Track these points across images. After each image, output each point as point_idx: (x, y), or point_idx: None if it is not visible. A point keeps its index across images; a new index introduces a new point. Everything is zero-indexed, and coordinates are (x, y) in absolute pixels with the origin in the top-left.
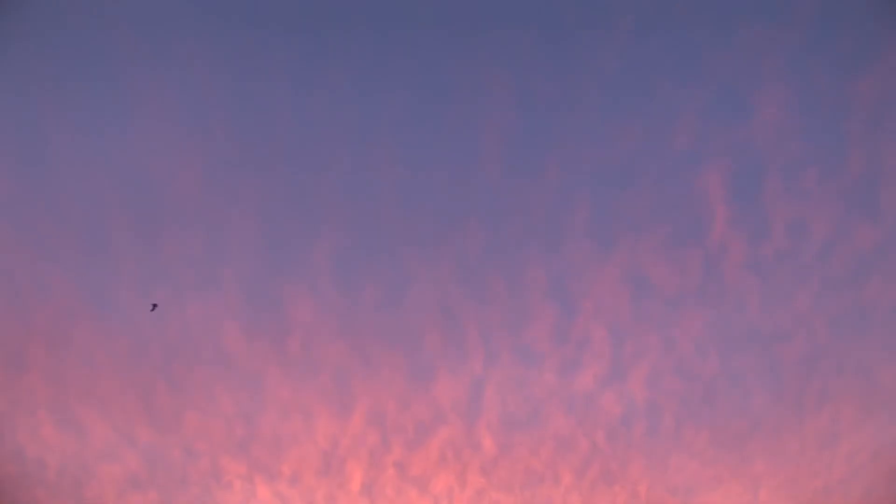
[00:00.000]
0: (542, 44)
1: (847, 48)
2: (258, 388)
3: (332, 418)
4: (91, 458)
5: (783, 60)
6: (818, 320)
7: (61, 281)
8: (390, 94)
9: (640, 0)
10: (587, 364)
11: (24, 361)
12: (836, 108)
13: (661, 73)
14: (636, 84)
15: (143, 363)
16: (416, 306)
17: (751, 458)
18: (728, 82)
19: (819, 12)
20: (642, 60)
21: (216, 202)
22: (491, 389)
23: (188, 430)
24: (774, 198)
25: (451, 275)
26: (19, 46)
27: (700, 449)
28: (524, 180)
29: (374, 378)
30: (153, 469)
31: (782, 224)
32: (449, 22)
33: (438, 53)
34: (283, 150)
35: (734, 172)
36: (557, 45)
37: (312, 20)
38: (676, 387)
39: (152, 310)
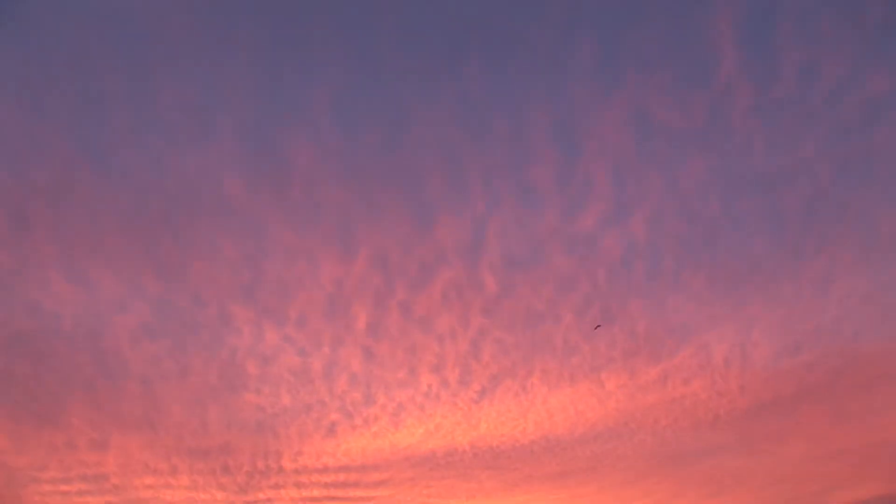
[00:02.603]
0: None
1: None
2: (262, 234)
3: (336, 261)
4: (103, 309)
5: None
6: (823, 165)
7: (57, 137)
8: None
9: None
10: (589, 204)
11: (28, 220)
12: None
13: None
14: None
15: (145, 215)
16: (417, 147)
17: (747, 300)
18: None
19: None
20: None
21: (209, 46)
22: (493, 230)
23: (195, 279)
24: (786, 40)
25: (452, 114)
26: None
27: (698, 290)
28: (527, 15)
29: (377, 220)
30: (164, 318)
31: (793, 67)
32: None
33: None
34: None
35: (745, 11)
36: None
37: None
38: (677, 228)
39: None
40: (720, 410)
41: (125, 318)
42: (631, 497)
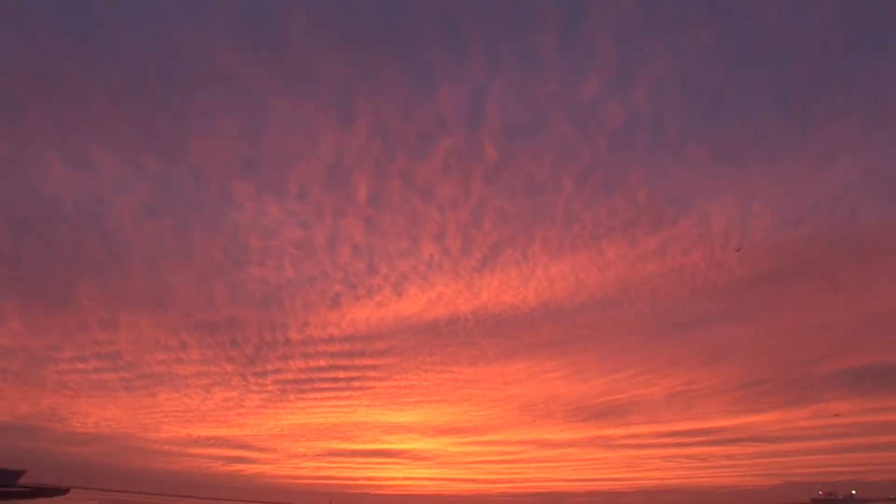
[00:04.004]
0: None
1: None
2: (259, 106)
3: (335, 131)
4: (104, 190)
5: None
6: (834, 35)
7: (41, 13)
8: None
9: None
10: (592, 72)
11: (21, 104)
12: None
13: None
14: None
15: (140, 92)
16: (416, 11)
17: (749, 172)
18: None
19: None
20: None
21: None
22: (493, 97)
23: (194, 155)
24: None
25: None
26: None
27: (700, 160)
28: None
29: (375, 88)
30: (166, 196)
31: None
32: None
33: None
34: None
35: None
36: None
37: None
38: (680, 97)
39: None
40: (718, 281)
41: (126, 198)
42: (628, 364)
